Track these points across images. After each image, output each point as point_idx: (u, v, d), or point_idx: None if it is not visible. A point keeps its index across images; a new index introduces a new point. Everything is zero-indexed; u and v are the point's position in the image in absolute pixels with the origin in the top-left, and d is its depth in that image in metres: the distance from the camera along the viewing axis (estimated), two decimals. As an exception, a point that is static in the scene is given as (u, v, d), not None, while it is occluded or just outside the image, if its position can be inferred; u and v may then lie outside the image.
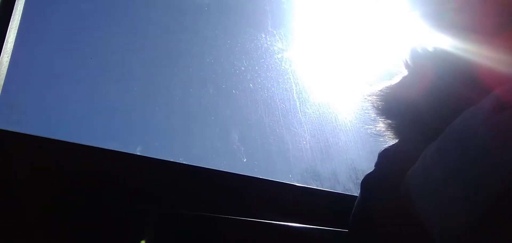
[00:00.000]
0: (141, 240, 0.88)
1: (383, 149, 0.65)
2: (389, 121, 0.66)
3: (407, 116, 0.63)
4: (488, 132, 0.42)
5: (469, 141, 0.44)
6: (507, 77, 0.48)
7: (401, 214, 0.53)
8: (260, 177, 1.13)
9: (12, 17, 1.00)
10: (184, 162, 1.03)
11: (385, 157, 0.64)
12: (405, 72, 0.65)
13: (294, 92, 1.38)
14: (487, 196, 0.40)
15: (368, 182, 0.64)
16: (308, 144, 1.38)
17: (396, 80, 0.66)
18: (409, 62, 0.64)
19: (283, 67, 1.39)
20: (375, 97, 0.66)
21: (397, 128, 0.66)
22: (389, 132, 0.66)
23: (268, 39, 1.37)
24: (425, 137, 0.51)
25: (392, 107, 0.66)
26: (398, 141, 0.65)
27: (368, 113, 0.67)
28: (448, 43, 0.59)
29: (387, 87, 0.66)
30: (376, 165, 0.65)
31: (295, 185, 1.18)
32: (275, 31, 1.38)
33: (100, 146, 0.95)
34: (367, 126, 0.68)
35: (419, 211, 0.49)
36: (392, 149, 0.64)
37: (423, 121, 0.59)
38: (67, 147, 0.92)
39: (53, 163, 0.90)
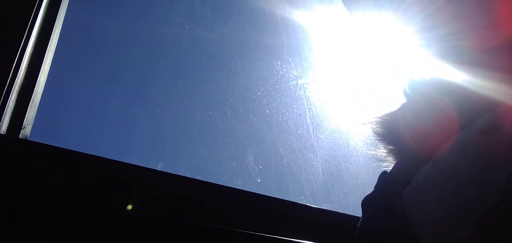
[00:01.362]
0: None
1: (382, 171, 0.68)
2: (390, 147, 0.69)
3: (406, 143, 0.67)
4: (474, 154, 0.45)
5: (459, 163, 0.46)
6: (502, 101, 0.50)
7: (399, 232, 0.55)
8: (274, 196, 1.17)
9: (49, 41, 1.08)
10: (201, 179, 1.08)
11: (383, 179, 0.66)
12: (404, 100, 0.69)
13: (308, 117, 1.42)
14: (475, 217, 0.42)
15: (367, 202, 0.66)
16: (320, 168, 1.41)
17: (396, 107, 0.69)
18: (408, 91, 0.68)
19: (297, 94, 1.43)
20: (376, 124, 0.70)
21: (397, 154, 0.68)
22: (390, 157, 0.70)
23: (284, 66, 1.42)
24: (421, 158, 0.55)
25: (392, 133, 0.68)
26: (396, 163, 0.67)
27: (370, 139, 0.70)
28: (449, 73, 0.62)
29: (387, 114, 0.70)
30: (375, 186, 0.67)
31: (307, 206, 1.21)
32: (290, 59, 1.43)
33: (124, 161, 1.02)
34: (370, 151, 0.71)
35: (415, 230, 0.51)
36: (390, 171, 0.66)
37: (421, 147, 0.61)
38: (99, 162, 0.98)
39: (86, 176, 0.96)
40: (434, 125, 0.60)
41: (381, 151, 0.70)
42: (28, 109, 1.00)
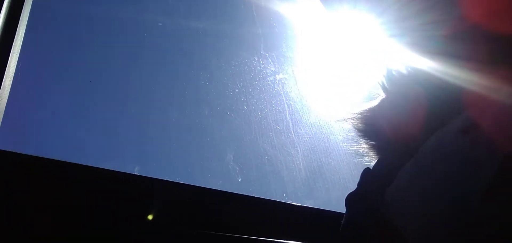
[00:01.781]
0: None
1: (365, 168, 0.67)
2: (371, 142, 0.69)
3: (386, 137, 0.66)
4: (456, 153, 0.44)
5: (439, 163, 0.46)
6: (480, 97, 0.50)
7: (382, 228, 0.55)
8: (255, 195, 1.15)
9: (14, 42, 1.03)
10: (180, 182, 1.06)
11: (366, 175, 0.66)
12: (383, 95, 0.68)
13: (287, 113, 1.40)
14: (459, 219, 0.41)
15: (350, 200, 0.65)
16: (301, 164, 1.40)
17: (375, 102, 0.69)
18: (386, 85, 0.67)
19: (276, 89, 1.42)
20: (356, 119, 0.69)
21: (378, 149, 0.68)
22: (371, 152, 0.69)
23: (261, 62, 1.40)
24: (403, 156, 0.54)
25: (373, 128, 0.68)
26: (378, 159, 0.67)
27: (351, 134, 0.70)
28: (425, 65, 0.61)
29: (367, 109, 0.69)
30: (359, 183, 0.67)
31: (289, 204, 1.20)
32: (267, 54, 1.41)
33: (99, 166, 0.98)
34: (351, 147, 0.71)
35: (399, 227, 0.50)
36: (373, 168, 0.66)
37: (400, 141, 0.61)
38: (67, 167, 0.95)
39: (53, 184, 0.93)
40: (412, 118, 0.60)
41: (362, 146, 0.69)
42: (-8, 115, 0.96)
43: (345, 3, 0.76)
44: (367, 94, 0.71)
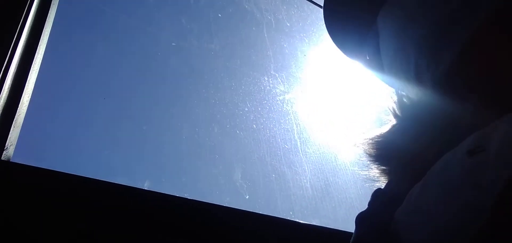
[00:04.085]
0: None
1: (376, 189, 0.68)
2: (383, 167, 0.69)
3: (398, 162, 0.67)
4: (461, 175, 0.45)
5: (445, 184, 0.46)
6: (487, 121, 0.51)
7: None
8: (262, 213, 1.16)
9: (34, 60, 1.06)
10: (189, 197, 1.07)
11: (377, 196, 0.66)
12: (394, 121, 0.69)
13: (295, 132, 1.42)
14: (464, 236, 0.43)
15: (361, 219, 0.66)
16: (308, 182, 1.41)
17: (386, 128, 0.70)
18: (397, 111, 0.68)
19: (285, 109, 1.44)
20: (368, 145, 0.70)
21: (390, 174, 0.68)
22: (383, 177, 0.70)
23: (271, 82, 1.43)
24: (413, 178, 0.55)
25: (384, 154, 0.68)
26: (389, 181, 0.68)
27: (362, 159, 0.70)
28: (434, 92, 0.62)
29: (378, 135, 0.70)
30: (369, 203, 0.67)
31: (296, 222, 1.21)
32: (277, 74, 1.44)
33: (110, 181, 1.00)
34: (362, 172, 0.71)
35: None
36: (384, 189, 0.66)
37: (412, 165, 0.62)
38: (83, 182, 0.97)
39: (69, 197, 0.95)
40: (422, 143, 0.60)
41: (374, 171, 0.70)
42: (11, 129, 0.98)
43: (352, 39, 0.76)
44: (378, 120, 0.72)
